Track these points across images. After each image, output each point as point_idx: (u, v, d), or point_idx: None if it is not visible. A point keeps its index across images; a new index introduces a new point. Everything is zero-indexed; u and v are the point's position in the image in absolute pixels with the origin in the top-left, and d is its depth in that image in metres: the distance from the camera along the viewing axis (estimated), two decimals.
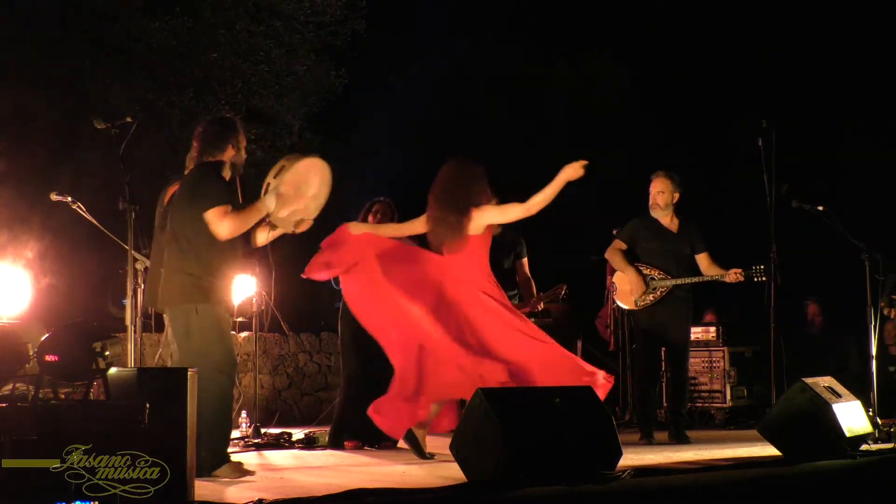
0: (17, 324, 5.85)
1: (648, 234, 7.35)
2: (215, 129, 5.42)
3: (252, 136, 11.14)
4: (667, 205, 7.30)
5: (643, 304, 7.27)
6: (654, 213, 7.35)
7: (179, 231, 5.27)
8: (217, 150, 5.37)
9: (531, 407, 4.69)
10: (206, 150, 5.37)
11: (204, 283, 5.20)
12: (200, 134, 5.41)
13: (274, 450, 6.91)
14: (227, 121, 5.58)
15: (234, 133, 5.42)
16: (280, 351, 10.03)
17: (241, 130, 5.50)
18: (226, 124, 5.49)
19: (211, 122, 5.52)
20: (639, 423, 7.46)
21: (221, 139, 5.38)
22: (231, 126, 5.47)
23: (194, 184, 5.31)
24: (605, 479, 4.41)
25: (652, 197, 7.34)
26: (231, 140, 5.39)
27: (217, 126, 5.46)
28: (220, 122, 5.55)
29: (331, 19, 11.86)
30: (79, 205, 6.06)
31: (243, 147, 5.48)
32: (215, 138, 5.38)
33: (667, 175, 7.34)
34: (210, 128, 5.43)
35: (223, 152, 5.37)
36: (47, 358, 3.99)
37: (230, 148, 5.38)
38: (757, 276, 7.02)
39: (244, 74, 11.22)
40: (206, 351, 5.16)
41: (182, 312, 5.22)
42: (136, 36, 10.22)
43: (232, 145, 5.39)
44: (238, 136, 5.43)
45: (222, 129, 5.42)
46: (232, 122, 5.53)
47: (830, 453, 5.39)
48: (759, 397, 8.96)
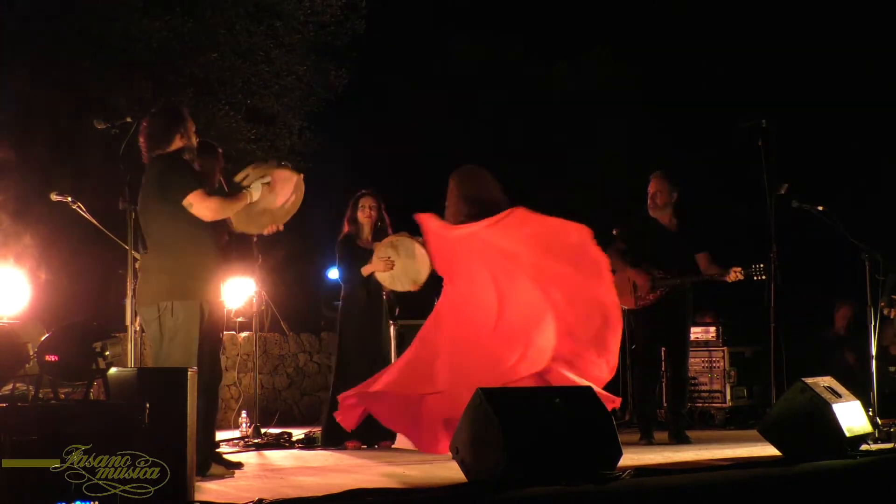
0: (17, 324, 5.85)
1: (648, 234, 7.35)
2: (160, 122, 5.30)
3: (252, 136, 11.16)
4: (665, 204, 7.31)
5: (643, 304, 7.27)
6: (652, 213, 7.36)
7: (149, 229, 5.18)
8: (165, 143, 5.26)
9: (531, 407, 4.69)
10: (154, 145, 5.27)
11: (177, 281, 5.11)
12: (146, 129, 5.29)
13: (274, 450, 6.91)
14: (171, 111, 5.44)
15: (180, 122, 5.31)
16: (280, 351, 10.03)
17: (188, 117, 5.39)
18: (171, 115, 5.37)
19: (155, 115, 5.38)
20: (639, 423, 7.46)
21: (168, 132, 5.27)
22: (176, 115, 5.36)
23: (158, 178, 5.20)
24: (605, 479, 4.41)
25: (650, 197, 7.36)
26: (178, 130, 5.28)
27: (162, 118, 5.33)
28: (165, 113, 5.41)
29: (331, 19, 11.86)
30: (79, 205, 6.05)
31: (192, 133, 5.36)
32: (162, 132, 5.27)
33: (663, 175, 7.35)
34: (155, 122, 5.31)
35: (171, 144, 5.27)
36: (47, 358, 3.99)
37: (178, 138, 5.28)
38: (756, 274, 7.02)
39: (244, 74, 11.22)
40: (183, 349, 5.06)
41: (157, 311, 5.11)
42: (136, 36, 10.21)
43: (180, 135, 5.28)
44: (185, 124, 5.32)
45: (168, 121, 5.30)
46: (176, 112, 5.41)
47: (830, 453, 5.39)
48: (759, 397, 8.96)
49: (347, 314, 7.26)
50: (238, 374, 9.40)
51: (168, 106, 5.76)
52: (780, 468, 5.25)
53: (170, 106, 5.73)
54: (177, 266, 5.14)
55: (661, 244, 7.32)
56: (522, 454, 4.38)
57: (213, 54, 10.89)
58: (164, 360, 5.06)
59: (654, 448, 6.66)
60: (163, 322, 5.08)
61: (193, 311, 5.11)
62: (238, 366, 9.40)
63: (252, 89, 11.36)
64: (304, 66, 11.78)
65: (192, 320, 5.10)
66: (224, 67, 11.01)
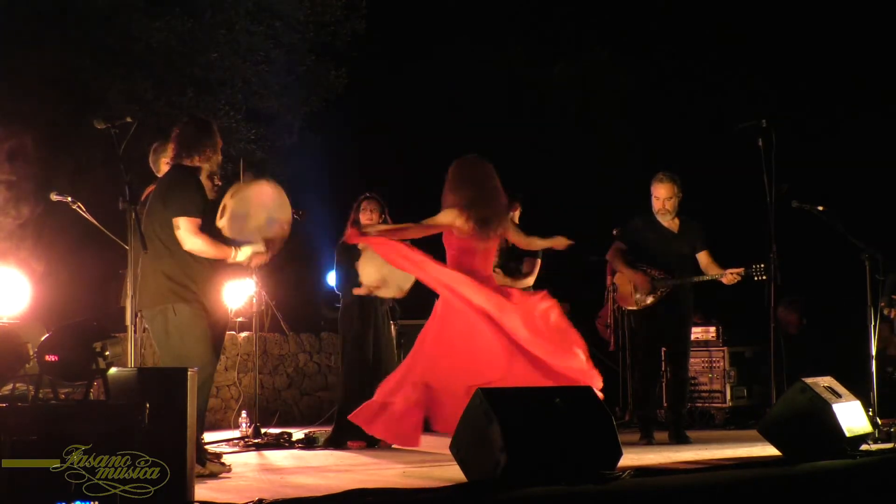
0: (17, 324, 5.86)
1: (650, 235, 7.35)
2: (193, 131, 5.38)
3: (252, 136, 11.15)
4: (674, 209, 7.30)
5: (644, 305, 7.27)
6: (661, 218, 7.33)
7: (154, 231, 5.22)
8: (194, 154, 5.33)
9: (531, 407, 4.69)
10: (182, 152, 5.33)
11: (180, 284, 5.18)
12: (178, 135, 5.37)
13: (274, 450, 6.91)
14: (205, 124, 5.53)
15: (211, 137, 5.39)
16: (280, 351, 10.03)
17: (218, 134, 5.47)
18: (204, 128, 5.44)
19: (188, 124, 5.47)
20: (639, 423, 7.46)
21: (199, 143, 5.34)
22: (209, 130, 5.43)
23: (171, 185, 5.27)
24: (605, 479, 4.41)
25: (660, 202, 7.29)
26: (208, 144, 5.35)
27: (195, 129, 5.41)
28: (199, 124, 5.50)
29: (331, 19, 11.86)
30: (79, 205, 6.06)
31: (219, 151, 5.44)
32: (194, 141, 5.34)
33: (672, 179, 7.30)
34: (188, 130, 5.38)
35: (200, 156, 5.34)
36: (47, 358, 3.98)
37: (207, 152, 5.35)
38: (757, 275, 7.01)
39: (244, 74, 11.21)
40: (184, 351, 5.13)
41: (159, 313, 5.19)
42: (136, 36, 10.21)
43: (209, 149, 5.35)
44: (215, 141, 5.39)
45: (200, 133, 5.38)
46: (210, 126, 5.49)
47: (830, 453, 5.39)
48: (759, 397, 8.96)
49: (346, 319, 7.32)
50: (238, 374, 9.39)
51: (202, 118, 5.89)
52: (780, 468, 5.25)
53: (204, 118, 5.84)
54: (176, 269, 5.18)
55: (662, 245, 7.31)
56: (522, 454, 4.38)
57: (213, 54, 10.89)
58: (175, 356, 5.11)
59: (654, 448, 6.66)
60: (168, 319, 5.17)
61: (195, 310, 5.20)
62: (238, 366, 9.39)
63: (252, 89, 11.35)
64: (304, 66, 11.77)
65: (196, 318, 5.19)
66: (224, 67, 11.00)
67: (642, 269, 7.27)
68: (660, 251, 7.30)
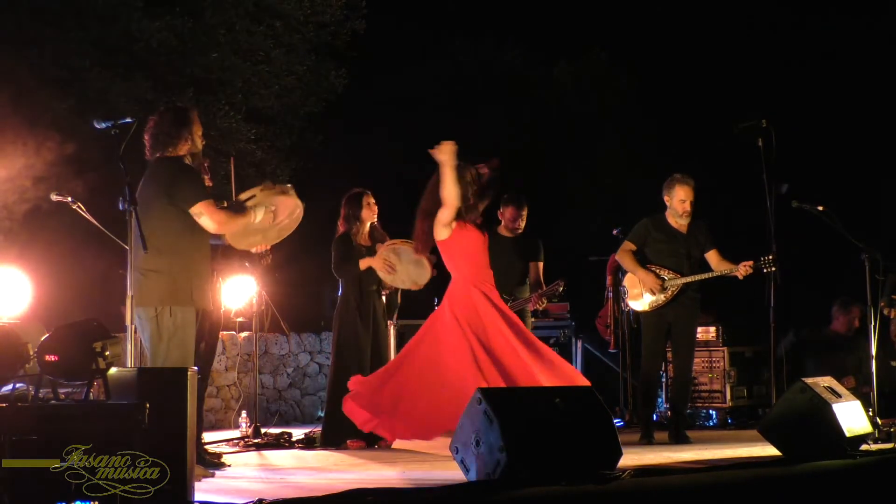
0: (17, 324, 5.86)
1: (658, 235, 7.34)
2: (170, 121, 5.26)
3: (252, 136, 11.14)
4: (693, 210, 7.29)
5: (655, 306, 7.26)
6: (678, 219, 7.29)
7: (149, 230, 5.06)
8: (173, 145, 5.23)
9: (531, 407, 4.69)
10: (160, 144, 5.23)
11: (176, 283, 5.13)
12: (154, 127, 5.25)
13: (274, 450, 6.91)
14: (181, 112, 5.41)
15: (189, 124, 5.28)
16: (280, 351, 10.03)
17: (196, 120, 5.35)
18: (180, 116, 5.32)
19: (164, 113, 5.34)
20: (639, 423, 7.45)
21: (177, 132, 5.23)
22: (186, 117, 5.32)
23: (166, 181, 5.17)
24: (605, 479, 4.41)
25: (680, 205, 7.24)
26: (186, 133, 5.25)
27: (171, 118, 5.29)
28: (175, 113, 5.38)
29: (331, 19, 11.84)
30: (79, 205, 6.04)
31: (199, 137, 5.34)
32: (171, 131, 5.23)
33: (690, 181, 7.28)
34: (164, 120, 5.27)
35: (179, 146, 5.24)
36: (47, 358, 3.99)
37: (187, 141, 5.25)
38: (766, 266, 7.00)
39: (244, 74, 11.20)
40: (181, 350, 5.09)
41: (153, 312, 5.11)
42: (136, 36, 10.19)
43: (187, 138, 5.25)
44: (193, 128, 5.29)
45: (177, 122, 5.27)
46: (186, 113, 5.37)
47: (830, 453, 5.39)
48: (759, 397, 8.96)
49: (342, 313, 7.28)
50: (238, 374, 9.39)
51: (177, 107, 5.67)
52: (780, 468, 5.25)
53: (178, 107, 5.65)
54: (175, 269, 5.15)
55: (672, 245, 7.31)
56: (522, 454, 4.38)
57: (213, 54, 10.87)
58: (161, 359, 5.08)
59: (654, 448, 6.66)
60: (161, 322, 5.10)
61: (190, 314, 5.16)
62: (238, 366, 9.39)
63: (252, 89, 11.34)
64: (304, 66, 11.76)
65: (188, 323, 5.14)
66: (224, 67, 10.99)
67: (653, 270, 7.27)
68: (669, 251, 7.30)
